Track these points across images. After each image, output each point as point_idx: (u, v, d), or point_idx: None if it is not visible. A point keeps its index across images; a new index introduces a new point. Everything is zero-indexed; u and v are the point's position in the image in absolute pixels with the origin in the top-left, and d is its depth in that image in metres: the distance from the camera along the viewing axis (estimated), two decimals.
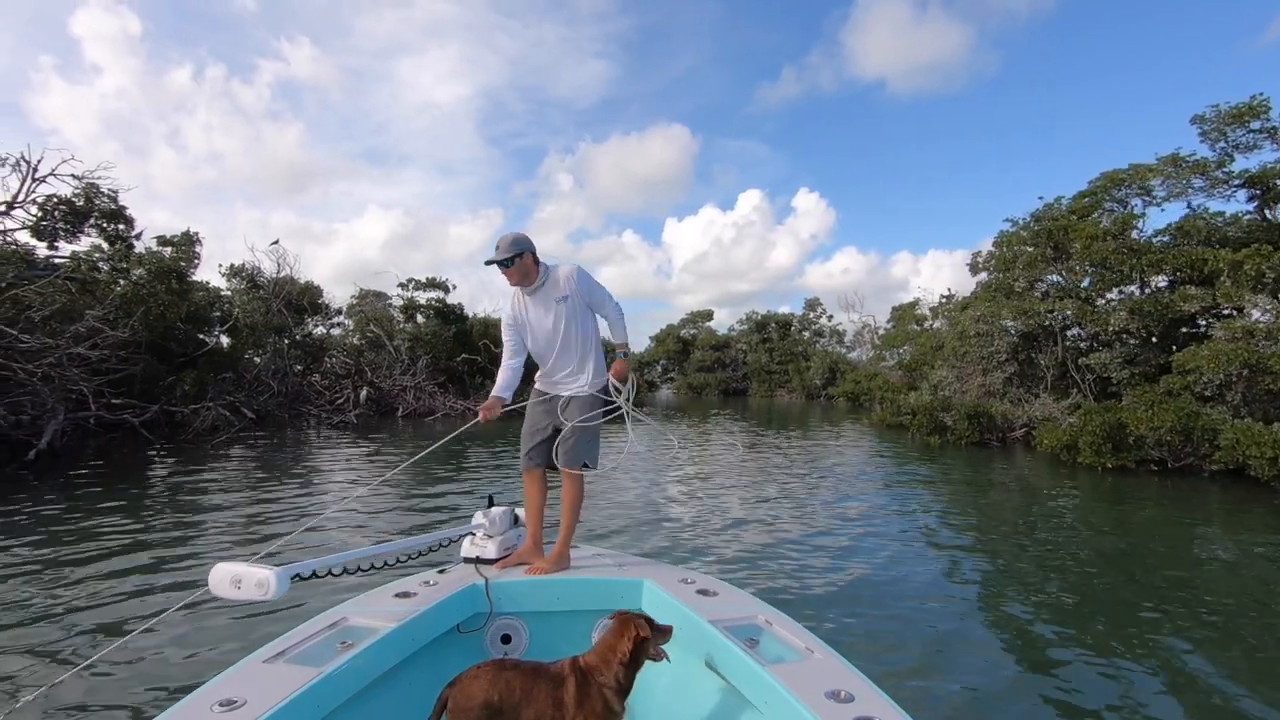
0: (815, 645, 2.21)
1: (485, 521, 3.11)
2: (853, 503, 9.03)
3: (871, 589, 5.47)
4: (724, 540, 6.81)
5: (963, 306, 22.59)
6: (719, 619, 2.39)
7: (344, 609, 2.46)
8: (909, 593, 5.42)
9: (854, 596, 5.25)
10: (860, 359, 49.53)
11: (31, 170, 12.01)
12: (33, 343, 10.94)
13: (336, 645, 2.18)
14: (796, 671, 2.01)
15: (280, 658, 2.04)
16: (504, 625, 2.78)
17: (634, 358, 3.24)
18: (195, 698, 1.79)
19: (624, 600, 2.80)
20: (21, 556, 5.77)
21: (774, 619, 2.45)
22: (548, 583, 2.85)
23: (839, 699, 1.83)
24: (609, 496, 8.94)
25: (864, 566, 6.07)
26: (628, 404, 3.24)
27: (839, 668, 2.04)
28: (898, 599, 5.25)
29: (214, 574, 2.26)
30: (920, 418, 17.64)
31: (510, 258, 3.04)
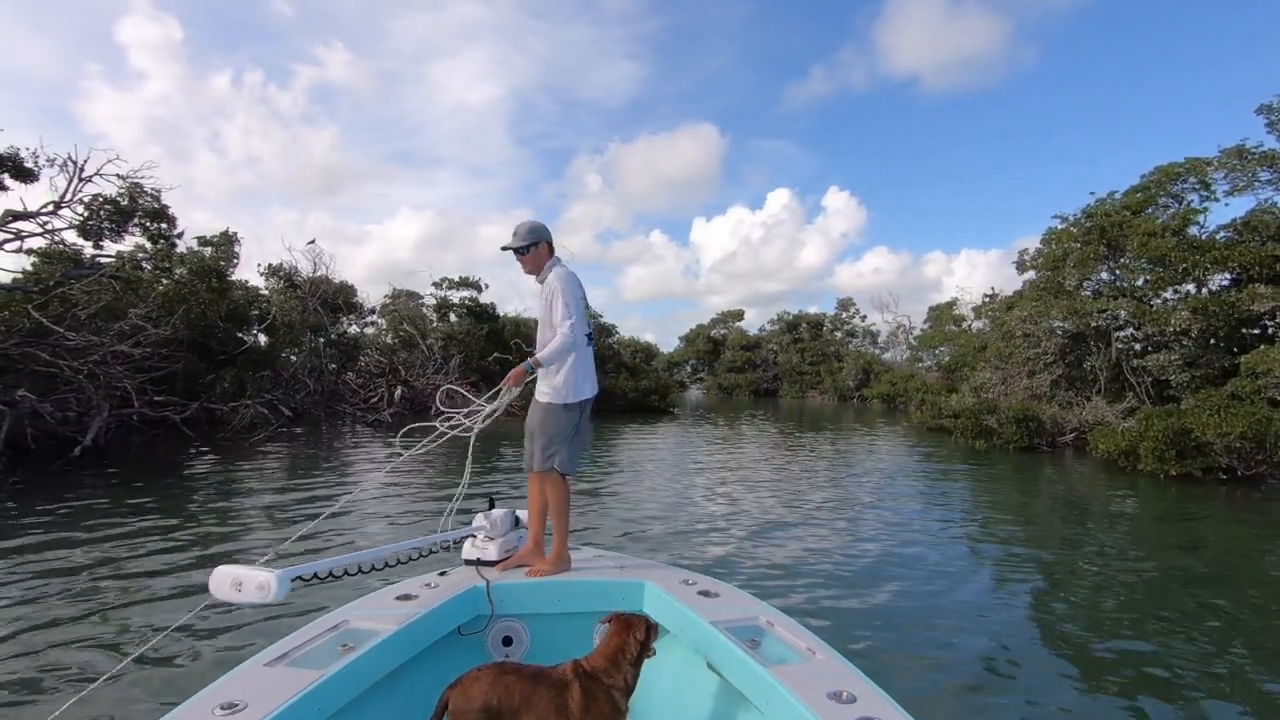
0: (817, 646, 2.19)
1: (486, 524, 3.09)
2: (892, 510, 8.64)
3: (912, 602, 5.14)
4: (753, 548, 6.50)
5: (1007, 306, 21.89)
6: (720, 620, 2.38)
7: (345, 611, 2.45)
8: (953, 607, 5.08)
9: (895, 611, 4.93)
10: (895, 360, 48.61)
11: (78, 170, 12.20)
12: (79, 340, 11.09)
13: (338, 648, 2.17)
14: (798, 672, 2.01)
15: (281, 661, 2.04)
16: (505, 627, 2.77)
17: (542, 368, 3.14)
18: (197, 701, 1.78)
19: (625, 602, 2.79)
20: (62, 553, 5.74)
21: (775, 620, 2.42)
22: (549, 585, 2.83)
23: (840, 700, 1.82)
24: (633, 498, 8.70)
25: (905, 578, 5.73)
26: (478, 416, 3.16)
27: (841, 668, 2.03)
28: (941, 614, 4.91)
29: (215, 577, 2.25)
30: (964, 421, 17.06)
31: (525, 246, 3.15)
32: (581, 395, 3.18)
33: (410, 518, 7.49)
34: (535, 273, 3.23)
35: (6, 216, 11.73)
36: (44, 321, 11.14)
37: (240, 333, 19.51)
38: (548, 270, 3.21)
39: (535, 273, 3.23)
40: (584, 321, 3.20)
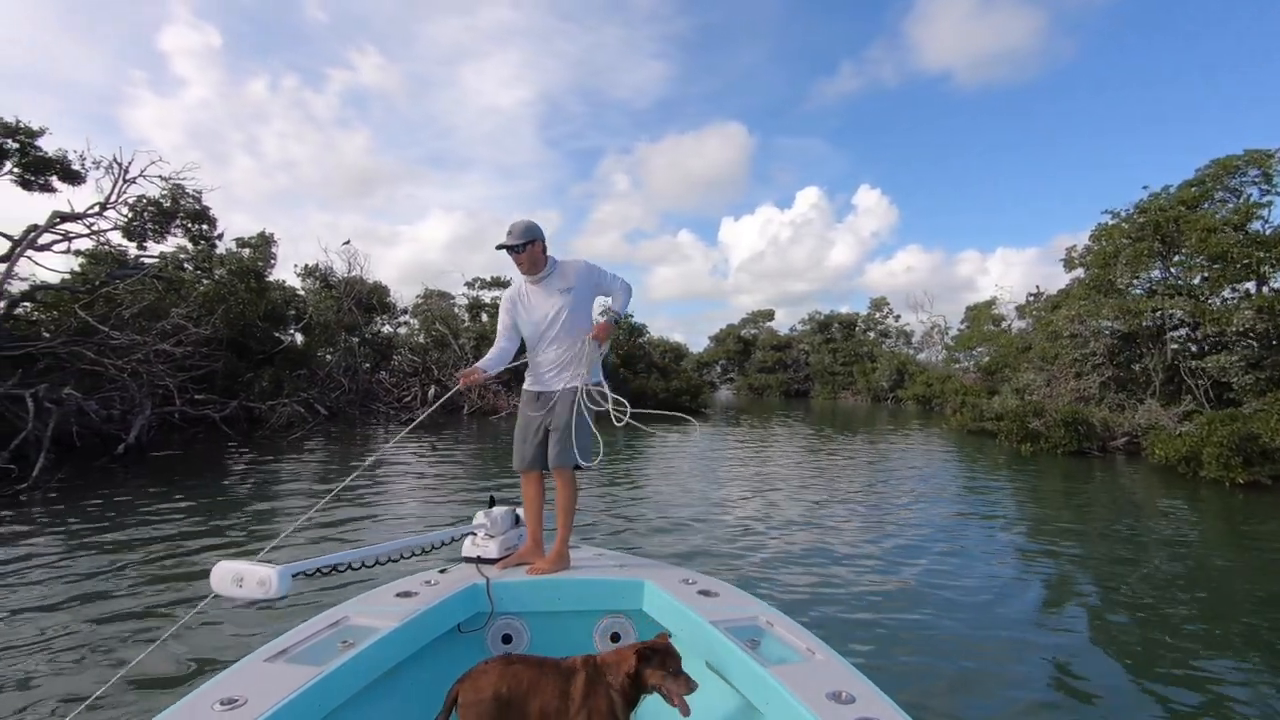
0: (817, 646, 2.18)
1: (486, 521, 3.09)
2: (933, 518, 8.25)
3: (956, 620, 4.80)
4: (785, 556, 6.22)
5: (1053, 305, 21.15)
6: (720, 620, 2.37)
7: (345, 608, 2.44)
8: (1000, 626, 4.75)
9: (937, 629, 4.60)
10: (930, 360, 47.62)
11: (123, 172, 12.43)
12: (123, 339, 11.27)
13: (338, 644, 2.17)
14: (798, 673, 1.99)
15: (281, 657, 2.04)
16: (505, 625, 2.77)
17: (623, 328, 3.20)
18: (196, 696, 1.78)
19: (625, 600, 2.80)
20: (101, 548, 5.74)
21: (775, 620, 2.42)
22: (549, 583, 2.82)
23: (840, 700, 1.81)
24: (661, 498, 8.48)
25: (947, 590, 5.41)
26: (610, 401, 3.12)
27: (840, 669, 2.02)
28: (988, 633, 4.59)
29: (216, 572, 2.25)
30: (1009, 424, 16.49)
31: (522, 244, 3.09)
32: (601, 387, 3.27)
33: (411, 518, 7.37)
34: (532, 272, 3.17)
35: (54, 218, 11.98)
36: (90, 321, 11.34)
37: (277, 332, 19.78)
38: (553, 265, 3.21)
39: (532, 272, 3.17)
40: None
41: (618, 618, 2.84)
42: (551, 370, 3.16)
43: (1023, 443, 15.74)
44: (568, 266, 3.21)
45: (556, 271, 3.19)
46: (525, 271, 3.17)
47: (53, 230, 12.20)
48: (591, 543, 4.24)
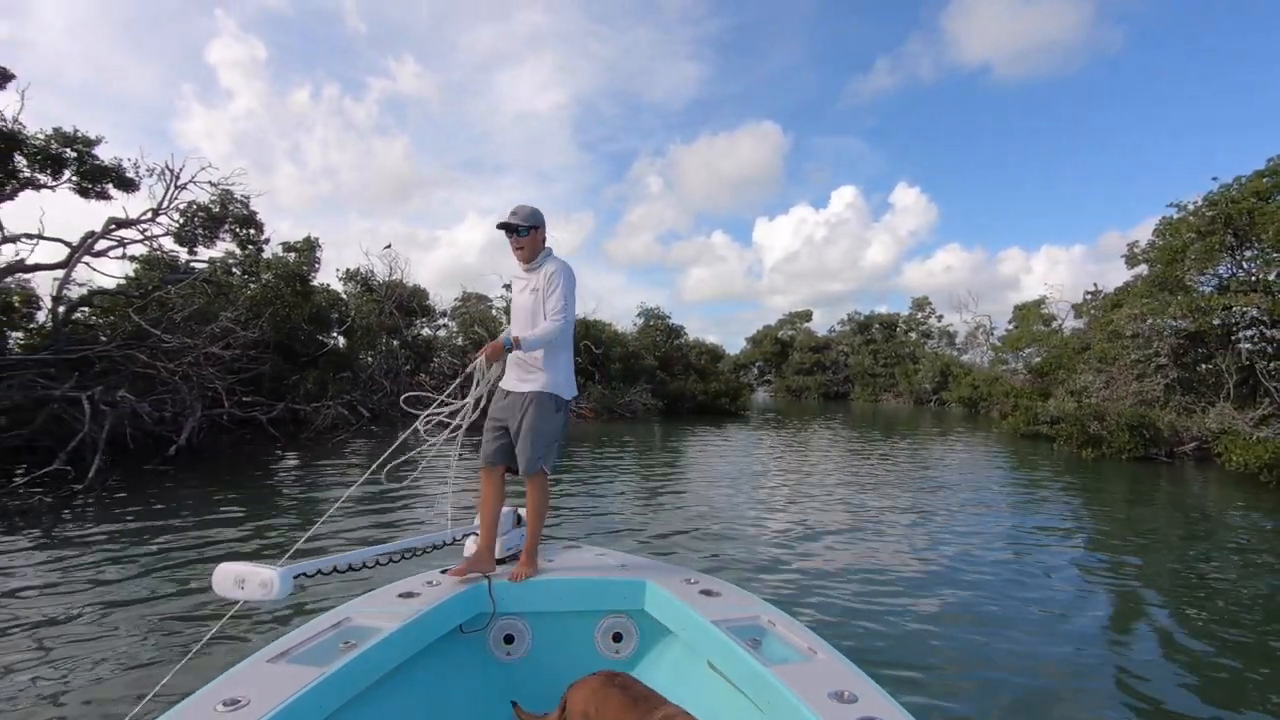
0: (819, 646, 2.18)
1: None
2: (987, 528, 7.78)
3: (1012, 636, 4.43)
4: (827, 571, 5.88)
5: (1113, 304, 20.21)
6: (722, 619, 2.36)
7: (347, 609, 2.45)
8: (1061, 640, 4.38)
9: (991, 648, 4.23)
10: (975, 361, 46.30)
11: (174, 178, 12.68)
12: (174, 343, 11.46)
13: (339, 645, 2.17)
14: (799, 672, 1.99)
15: (283, 658, 2.04)
16: (506, 625, 2.77)
17: (523, 352, 2.99)
18: (199, 697, 1.78)
19: (627, 600, 2.77)
20: (153, 547, 5.73)
21: (777, 619, 2.41)
22: (550, 583, 2.81)
23: (842, 699, 1.81)
24: (696, 503, 8.19)
25: (1003, 607, 5.03)
26: (468, 403, 3.06)
27: (842, 669, 2.02)
28: (1046, 649, 4.23)
29: (217, 574, 2.26)
30: (1067, 427, 15.77)
31: (526, 227, 2.98)
32: (572, 393, 3.13)
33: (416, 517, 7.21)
34: (529, 260, 3.05)
35: (110, 224, 12.26)
36: (143, 324, 11.56)
37: (321, 335, 20.07)
38: (544, 259, 3.07)
39: (529, 260, 3.05)
40: (573, 322, 3.08)
41: (620, 618, 2.82)
42: (523, 370, 3.03)
43: (1083, 447, 15.02)
44: (549, 265, 3.05)
45: (541, 267, 3.05)
46: (522, 259, 3.05)
47: (108, 236, 12.49)
48: (596, 543, 4.23)
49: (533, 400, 2.96)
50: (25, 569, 5.37)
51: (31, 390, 9.72)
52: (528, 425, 2.93)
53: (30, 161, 11.78)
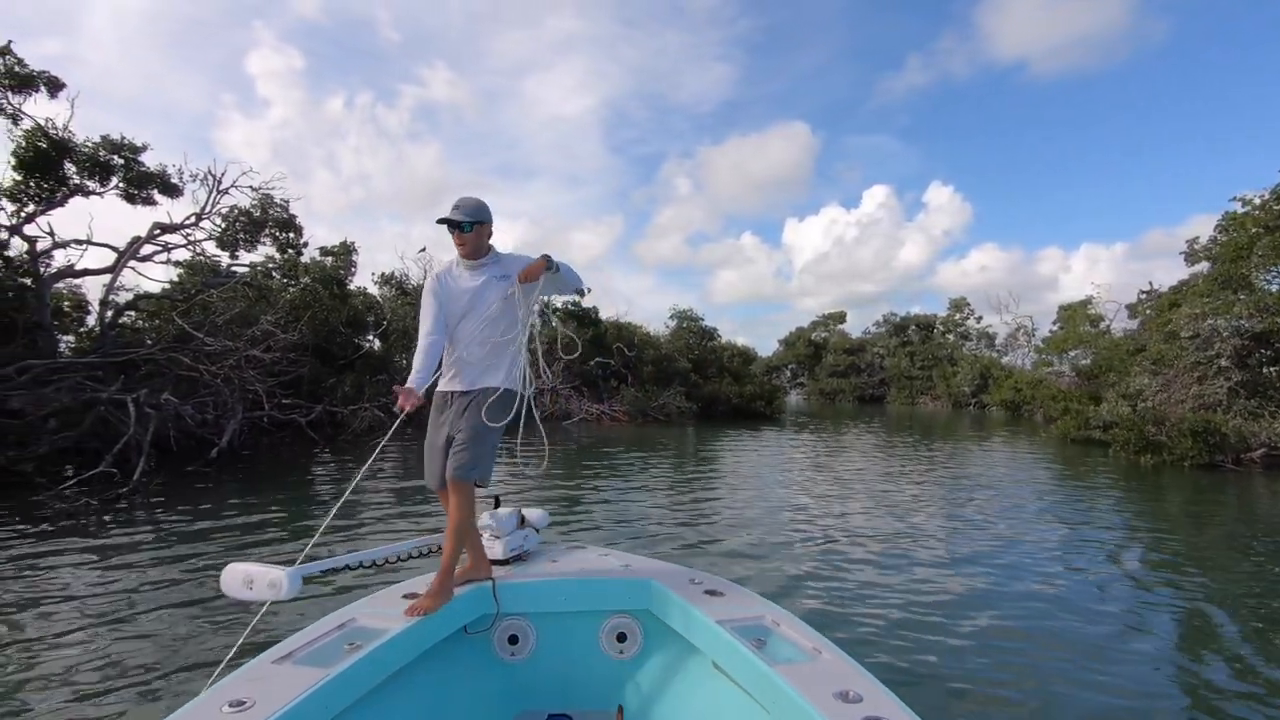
0: (823, 646, 2.17)
1: (492, 522, 3.03)
2: (1038, 538, 7.32)
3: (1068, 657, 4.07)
4: (869, 588, 5.55)
5: (1170, 303, 19.34)
6: (726, 619, 2.36)
7: (352, 610, 2.45)
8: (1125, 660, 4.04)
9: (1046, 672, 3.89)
10: (1016, 364, 45.06)
11: (216, 183, 12.85)
12: (216, 345, 11.58)
13: (344, 646, 2.16)
14: (804, 672, 1.99)
15: (289, 659, 2.05)
16: (511, 626, 2.77)
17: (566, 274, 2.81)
18: (205, 698, 1.80)
19: (632, 601, 2.76)
20: (197, 553, 5.68)
21: (782, 619, 2.40)
22: (555, 583, 2.81)
23: (847, 699, 1.80)
24: (730, 513, 7.90)
25: (1058, 623, 4.67)
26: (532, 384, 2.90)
27: (847, 668, 2.02)
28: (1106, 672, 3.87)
29: (226, 574, 2.28)
30: (1124, 432, 15.07)
31: (470, 222, 2.71)
32: (531, 389, 2.89)
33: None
34: (474, 256, 2.76)
35: (154, 229, 12.46)
36: (186, 327, 11.70)
37: (357, 338, 20.24)
38: (493, 256, 2.82)
39: (474, 256, 2.76)
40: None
41: (624, 618, 2.81)
42: (470, 368, 2.75)
43: (1141, 454, 14.33)
44: (511, 259, 2.81)
45: (498, 261, 2.80)
46: (465, 254, 2.76)
47: (153, 241, 12.70)
48: (601, 543, 4.13)
49: (497, 395, 2.67)
50: (73, 569, 5.37)
51: (80, 392, 9.87)
52: (473, 424, 2.62)
53: (80, 169, 12.05)
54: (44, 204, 11.87)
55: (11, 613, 4.43)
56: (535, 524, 3.26)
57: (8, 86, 11.09)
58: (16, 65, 11.05)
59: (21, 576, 5.16)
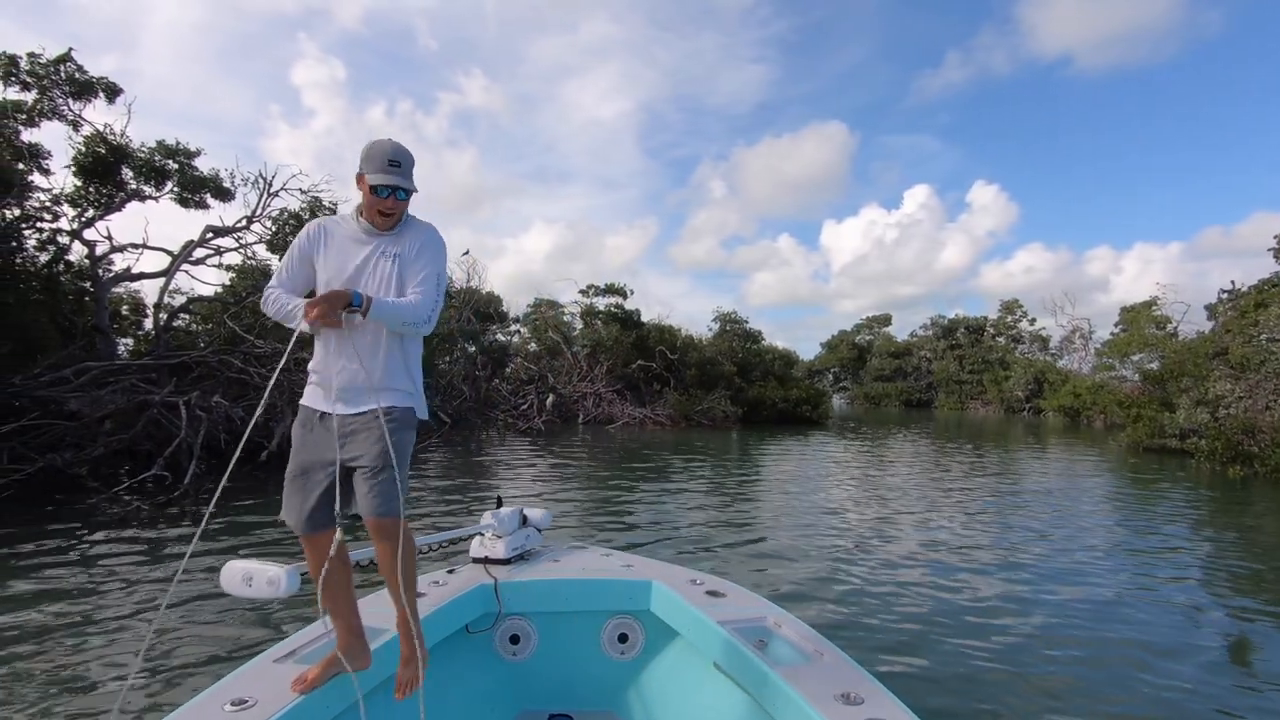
0: (825, 648, 2.16)
1: (494, 522, 2.99)
2: (1113, 555, 6.67)
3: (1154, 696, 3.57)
4: (925, 608, 5.00)
5: (1255, 303, 18.10)
6: (728, 620, 2.34)
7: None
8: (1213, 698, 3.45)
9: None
10: (1072, 367, 43.24)
11: (267, 185, 12.90)
12: (265, 348, 11.55)
13: None
14: (805, 673, 1.98)
15: (290, 658, 2.05)
16: (513, 626, 2.75)
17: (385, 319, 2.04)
18: (206, 697, 1.81)
19: (633, 601, 2.74)
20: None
21: (783, 621, 2.39)
22: (556, 584, 2.78)
23: (848, 701, 1.79)
24: (777, 527, 7.38)
25: (1144, 652, 4.14)
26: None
27: (848, 670, 2.01)
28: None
29: (225, 571, 2.26)
30: (1210, 441, 14.05)
31: (409, 189, 2.12)
32: (425, 414, 2.24)
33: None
34: (386, 227, 2.14)
35: (206, 232, 12.56)
36: (237, 330, 11.72)
37: None
38: (409, 223, 2.20)
39: (386, 227, 2.14)
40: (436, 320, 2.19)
41: (625, 619, 2.79)
42: (354, 374, 2.06)
43: (1230, 464, 13.32)
44: (423, 228, 2.21)
45: (410, 231, 2.18)
46: (386, 227, 2.13)
47: (205, 245, 12.80)
48: (602, 544, 4.12)
49: (395, 418, 2.06)
50: (126, 570, 5.23)
51: (135, 394, 9.91)
52: (379, 453, 2.00)
53: (136, 174, 12.20)
54: (103, 209, 12.05)
55: (48, 613, 4.25)
56: (537, 524, 3.18)
57: (68, 93, 11.27)
58: (76, 72, 11.22)
59: (68, 580, 5.01)
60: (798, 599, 5.04)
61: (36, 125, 11.31)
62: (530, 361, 24.14)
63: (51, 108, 11.26)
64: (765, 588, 5.32)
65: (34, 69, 10.95)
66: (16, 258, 11.01)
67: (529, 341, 26.32)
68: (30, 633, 4.11)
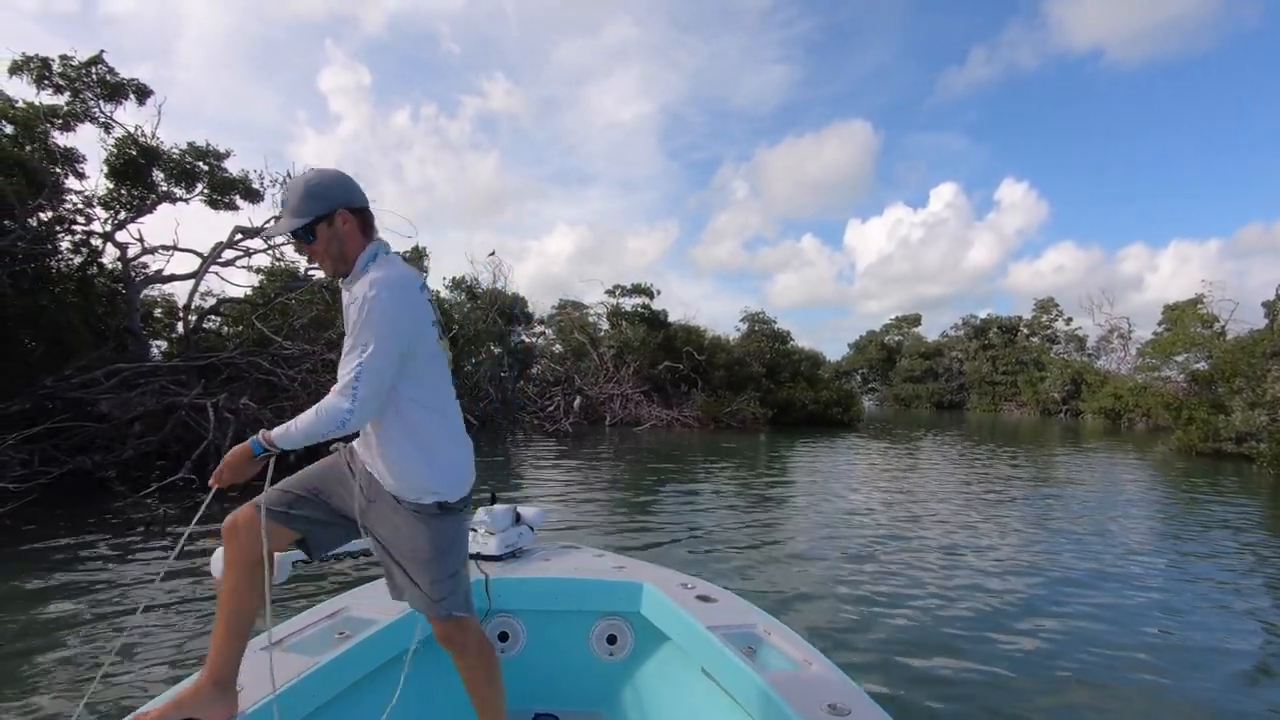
0: (813, 657, 2.16)
1: (487, 518, 2.98)
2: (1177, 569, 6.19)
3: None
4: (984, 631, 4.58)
5: None
6: (718, 626, 2.34)
7: (343, 599, 2.48)
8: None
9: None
10: (1110, 368, 41.96)
11: None
12: (294, 349, 11.48)
13: (334, 635, 2.19)
14: (793, 681, 1.98)
15: (278, 646, 2.05)
16: (501, 623, 2.75)
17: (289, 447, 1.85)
18: (192, 682, 1.79)
19: (623, 603, 2.74)
20: None
21: (773, 628, 2.39)
22: (546, 582, 2.78)
23: (836, 711, 1.79)
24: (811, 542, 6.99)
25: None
26: None
27: (836, 680, 2.01)
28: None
29: (216, 557, 2.09)
30: (1274, 446, 13.34)
31: (307, 226, 1.73)
32: (464, 486, 1.87)
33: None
34: (336, 273, 1.80)
35: (235, 233, 12.54)
36: (265, 331, 11.65)
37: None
38: (365, 262, 1.79)
39: (336, 273, 1.80)
40: (439, 357, 1.87)
41: (615, 620, 2.78)
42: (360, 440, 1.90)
43: None
44: (362, 281, 1.74)
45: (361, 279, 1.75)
46: (330, 274, 1.84)
47: (234, 246, 12.78)
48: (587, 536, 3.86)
49: (406, 512, 1.83)
50: (150, 573, 5.05)
51: (164, 396, 9.86)
52: (408, 550, 1.83)
53: (167, 175, 12.21)
54: (134, 211, 12.08)
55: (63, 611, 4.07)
56: (530, 522, 3.15)
57: (100, 95, 11.31)
58: (108, 74, 11.25)
59: (93, 579, 4.86)
60: (823, 604, 4.69)
61: (72, 130, 11.38)
62: (556, 363, 23.96)
63: (84, 110, 11.30)
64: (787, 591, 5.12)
65: (66, 71, 11.00)
66: (51, 260, 11.07)
67: (554, 343, 26.16)
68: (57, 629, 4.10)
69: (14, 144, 10.40)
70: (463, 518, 1.90)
